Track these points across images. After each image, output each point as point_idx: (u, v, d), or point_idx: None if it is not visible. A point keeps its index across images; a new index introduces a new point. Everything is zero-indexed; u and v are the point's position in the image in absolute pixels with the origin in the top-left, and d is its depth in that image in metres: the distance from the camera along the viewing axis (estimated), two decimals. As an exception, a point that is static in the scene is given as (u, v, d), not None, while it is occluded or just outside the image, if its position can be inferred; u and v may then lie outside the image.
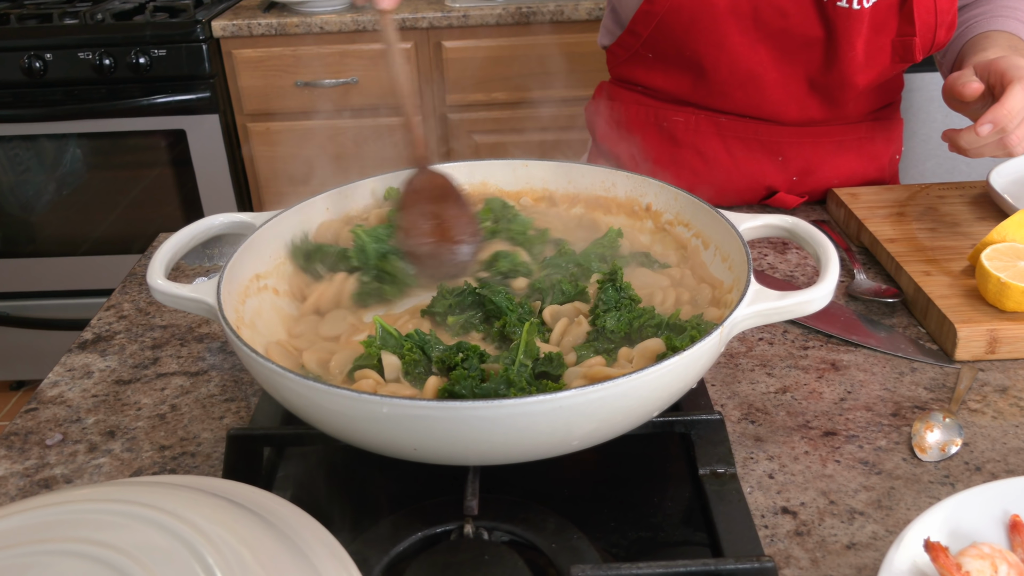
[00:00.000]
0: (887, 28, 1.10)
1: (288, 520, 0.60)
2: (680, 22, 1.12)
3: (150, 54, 2.37)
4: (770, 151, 1.22)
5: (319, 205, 0.90)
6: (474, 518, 0.64)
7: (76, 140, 2.49)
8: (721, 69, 1.15)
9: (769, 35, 1.12)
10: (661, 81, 1.22)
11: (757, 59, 1.14)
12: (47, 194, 2.59)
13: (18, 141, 2.49)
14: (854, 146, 1.24)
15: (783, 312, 0.69)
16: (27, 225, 2.64)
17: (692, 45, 1.14)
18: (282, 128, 2.52)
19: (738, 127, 1.21)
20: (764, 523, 0.71)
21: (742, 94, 1.17)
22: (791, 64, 1.14)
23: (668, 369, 0.62)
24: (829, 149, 1.23)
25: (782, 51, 1.13)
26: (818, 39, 1.11)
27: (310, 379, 0.60)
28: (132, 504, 0.58)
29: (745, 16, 1.10)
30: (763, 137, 1.21)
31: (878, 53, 1.12)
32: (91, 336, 0.99)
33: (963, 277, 0.96)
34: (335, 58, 2.43)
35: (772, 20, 1.10)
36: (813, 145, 1.22)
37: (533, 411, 0.58)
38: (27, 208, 2.61)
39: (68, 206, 2.62)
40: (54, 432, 0.83)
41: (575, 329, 0.76)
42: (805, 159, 1.22)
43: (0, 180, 2.56)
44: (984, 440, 0.80)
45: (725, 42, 1.12)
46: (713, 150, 1.23)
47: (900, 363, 0.90)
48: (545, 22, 2.38)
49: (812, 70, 1.14)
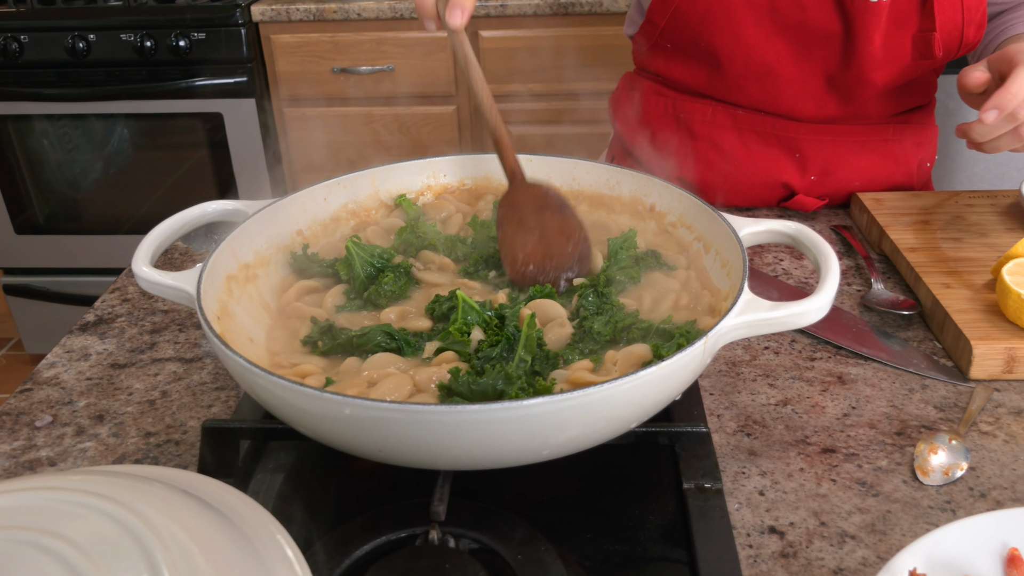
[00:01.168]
0: (908, 23, 1.06)
1: (248, 519, 0.59)
2: (695, 11, 1.09)
3: (190, 37, 2.39)
4: (787, 147, 1.18)
5: (317, 195, 0.89)
6: (441, 524, 0.62)
7: (124, 120, 2.53)
8: (736, 62, 1.12)
9: (786, 28, 1.08)
10: (679, 72, 1.19)
11: (773, 52, 1.10)
12: (94, 173, 2.64)
13: (67, 120, 2.54)
14: (878, 148, 1.19)
15: (774, 324, 0.66)
16: (72, 203, 2.69)
17: (707, 36, 1.11)
18: (317, 114, 2.53)
19: (755, 121, 1.18)
20: (749, 542, 0.69)
21: (758, 88, 1.14)
22: (808, 59, 1.10)
23: (645, 380, 0.59)
24: (851, 149, 1.18)
25: (799, 45, 1.09)
26: (836, 33, 1.07)
27: (276, 376, 0.59)
28: (94, 496, 0.58)
29: (761, 8, 1.07)
30: (780, 133, 1.17)
31: (898, 49, 1.07)
32: (93, 318, 0.99)
33: (985, 291, 0.92)
34: (372, 45, 2.43)
35: (789, 13, 1.07)
36: (833, 144, 1.18)
37: (498, 418, 0.57)
38: (73, 186, 2.67)
39: (113, 185, 2.66)
40: (45, 414, 0.84)
41: (558, 330, 0.74)
42: (824, 158, 1.18)
43: (48, 157, 2.61)
44: (992, 465, 0.76)
45: (740, 34, 1.09)
46: (729, 144, 1.19)
47: (911, 379, 0.86)
48: (583, 13, 2.35)
49: (829, 66, 1.10)
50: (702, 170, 1.20)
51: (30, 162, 2.62)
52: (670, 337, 0.72)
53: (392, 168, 0.93)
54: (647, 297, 0.80)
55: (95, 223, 2.71)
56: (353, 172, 0.91)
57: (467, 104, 2.50)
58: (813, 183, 1.19)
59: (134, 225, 2.70)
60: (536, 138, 2.48)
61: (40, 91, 2.48)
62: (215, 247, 0.76)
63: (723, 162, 1.20)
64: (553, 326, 0.74)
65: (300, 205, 0.87)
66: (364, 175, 0.91)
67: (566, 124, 2.45)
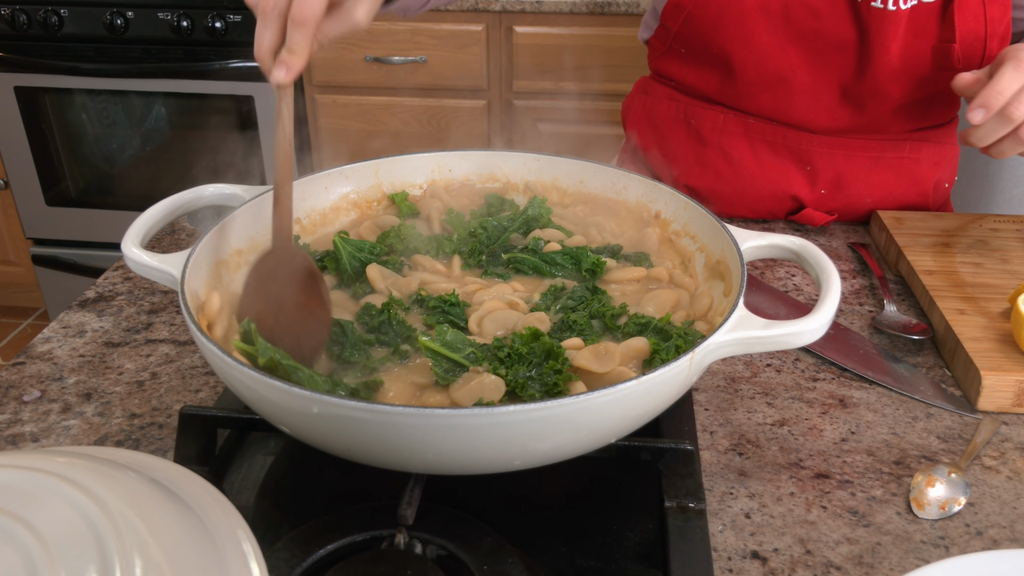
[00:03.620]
0: (927, 33, 1.02)
1: (213, 513, 0.58)
2: (708, 17, 1.07)
3: (226, 19, 2.40)
4: (798, 159, 1.15)
5: (318, 183, 0.88)
6: (409, 528, 0.61)
7: (159, 98, 2.55)
8: (748, 69, 1.09)
9: (800, 36, 1.05)
10: (692, 78, 1.17)
11: (787, 61, 1.07)
12: (130, 149, 2.67)
13: (103, 95, 2.57)
14: (892, 164, 1.15)
15: (766, 343, 0.64)
16: (106, 177, 2.72)
17: (719, 42, 1.08)
18: (349, 101, 2.53)
19: (767, 130, 1.15)
20: (729, 566, 0.66)
21: (769, 96, 1.11)
22: (822, 68, 1.07)
23: (625, 393, 0.57)
24: (864, 164, 1.14)
25: (813, 54, 1.06)
26: (851, 42, 1.04)
27: (246, 367, 0.58)
28: (59, 479, 0.57)
29: (775, 14, 1.04)
30: (792, 143, 1.14)
31: (916, 60, 1.03)
32: (93, 295, 0.99)
33: (1000, 320, 0.88)
34: (406, 36, 2.42)
35: (803, 20, 1.04)
36: (846, 158, 1.14)
37: (468, 424, 0.55)
38: (108, 161, 2.69)
39: (146, 162, 2.69)
40: (34, 388, 0.84)
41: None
42: (836, 172, 1.15)
43: (84, 131, 2.64)
44: (992, 502, 0.72)
45: (753, 40, 1.06)
46: (739, 152, 1.17)
47: (916, 406, 0.83)
48: (619, 13, 2.32)
49: (844, 76, 1.07)
50: (710, 178, 1.18)
51: (66, 135, 2.65)
52: (668, 336, 0.70)
53: (397, 160, 0.91)
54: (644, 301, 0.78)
55: (127, 199, 2.74)
56: (357, 162, 0.89)
57: (498, 99, 2.49)
58: (823, 197, 1.16)
59: (164, 203, 2.72)
60: (568, 138, 2.45)
61: (78, 65, 2.50)
62: (205, 232, 0.75)
63: (732, 171, 1.17)
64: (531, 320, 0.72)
65: (300, 193, 0.86)
66: (367, 166, 0.90)
67: (598, 124, 2.43)
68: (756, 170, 1.16)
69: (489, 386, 0.64)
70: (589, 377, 0.67)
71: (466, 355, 0.68)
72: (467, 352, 0.68)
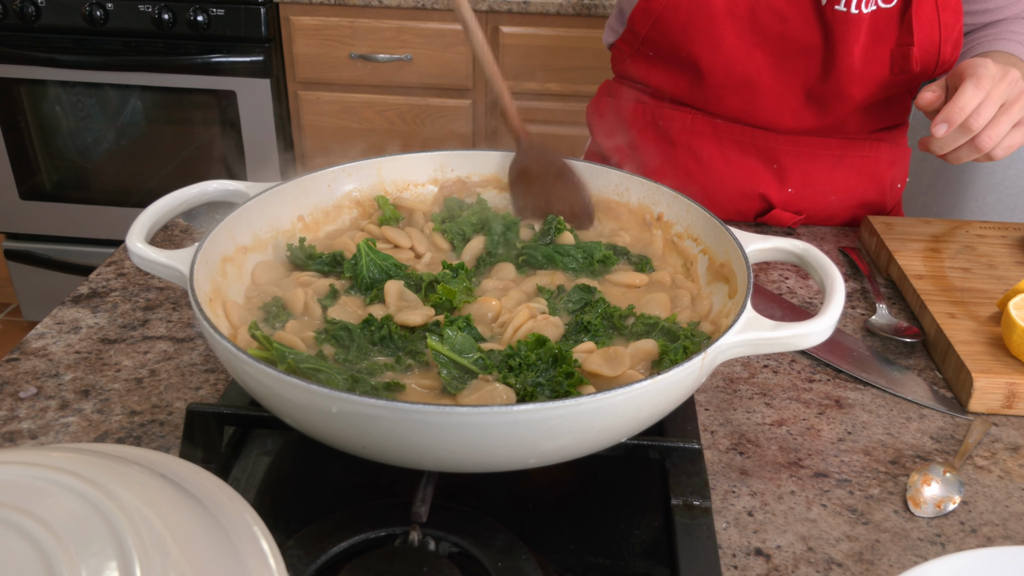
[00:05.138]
0: (887, 37, 1.06)
1: (226, 509, 0.58)
2: (677, 21, 1.09)
3: (208, 12, 2.38)
4: (766, 158, 1.18)
5: (321, 181, 0.88)
6: (422, 525, 0.61)
7: (138, 92, 2.52)
8: (717, 72, 1.11)
9: (766, 39, 1.08)
10: (660, 80, 1.19)
11: (753, 64, 1.10)
12: (105, 143, 2.63)
13: (81, 88, 2.53)
14: (854, 163, 1.20)
15: (775, 344, 0.65)
16: (81, 171, 2.68)
17: (688, 46, 1.10)
18: (332, 99, 2.52)
19: (735, 131, 1.18)
20: (734, 563, 0.67)
21: (737, 99, 1.14)
22: (787, 71, 1.10)
23: (639, 392, 0.58)
24: (828, 163, 1.19)
25: (779, 56, 1.09)
26: (815, 45, 1.07)
27: (263, 363, 0.58)
28: (69, 475, 0.57)
29: (742, 18, 1.07)
30: (759, 143, 1.18)
31: (876, 63, 1.07)
32: (87, 291, 0.98)
33: (990, 323, 0.90)
34: (391, 33, 2.41)
35: (770, 24, 1.07)
36: (811, 157, 1.18)
37: (486, 422, 0.55)
38: (83, 155, 2.65)
39: (123, 157, 2.65)
40: (30, 385, 0.83)
41: (552, 330, 0.72)
42: (802, 170, 1.18)
43: (60, 124, 2.60)
44: (985, 501, 0.74)
45: (721, 44, 1.09)
46: (708, 152, 1.19)
47: (909, 408, 0.85)
48: (606, 15, 2.33)
49: (809, 78, 1.10)
50: (680, 179, 1.20)
51: (41, 128, 2.61)
52: (675, 337, 0.71)
53: (399, 159, 0.91)
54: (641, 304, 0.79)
55: (102, 194, 2.70)
56: (360, 160, 0.89)
57: (483, 99, 2.49)
58: (790, 196, 1.19)
59: (142, 198, 2.69)
60: (553, 139, 2.46)
61: (55, 57, 2.46)
62: (212, 227, 0.75)
63: (701, 171, 1.19)
64: (547, 326, 0.73)
65: (303, 190, 0.86)
66: (370, 164, 0.90)
67: (584, 126, 2.43)
68: (725, 170, 1.18)
69: (499, 395, 0.64)
70: (599, 381, 0.67)
71: (474, 360, 0.67)
72: (475, 357, 0.68)
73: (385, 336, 0.70)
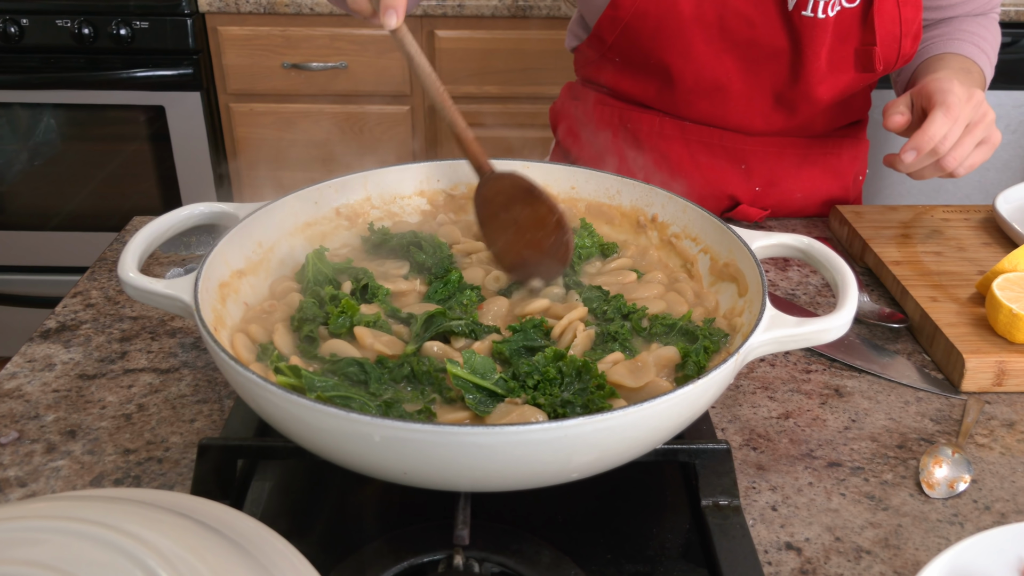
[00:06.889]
0: (850, 37, 1.08)
1: (261, 545, 0.55)
2: (646, 29, 1.09)
3: (132, 25, 2.29)
4: (734, 159, 1.20)
5: (308, 198, 0.85)
6: (464, 548, 0.59)
7: (51, 110, 2.41)
8: (687, 78, 1.12)
9: (735, 45, 1.09)
10: (628, 85, 1.19)
11: (723, 69, 1.11)
12: (18, 164, 2.50)
13: (-1, 108, 2.40)
14: (819, 161, 1.23)
15: (799, 340, 0.65)
16: (-6, 196, 2.55)
17: (658, 53, 1.11)
18: (266, 110, 2.45)
19: (703, 133, 1.19)
20: (768, 559, 0.68)
21: (707, 104, 1.15)
22: (756, 75, 1.12)
23: (680, 399, 0.58)
24: (793, 161, 1.21)
25: (748, 61, 1.11)
26: (783, 49, 1.09)
27: (295, 394, 0.55)
28: (83, 523, 0.53)
29: (711, 25, 1.07)
30: (727, 144, 1.19)
31: (841, 63, 1.10)
32: (55, 325, 0.93)
33: (970, 305, 0.93)
34: (325, 41, 2.36)
35: (738, 30, 1.08)
36: (778, 156, 1.20)
37: (533, 439, 0.54)
38: (-3, 178, 2.52)
39: (40, 178, 2.53)
40: (9, 429, 0.78)
41: (582, 338, 0.72)
42: (769, 169, 1.21)
43: (-31, 148, 2.47)
44: (992, 477, 0.77)
45: (691, 51, 1.09)
46: (676, 154, 1.20)
47: (905, 391, 0.87)
48: (541, 16, 2.33)
49: (777, 82, 1.12)
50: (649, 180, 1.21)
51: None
52: (694, 338, 0.71)
53: (385, 172, 0.89)
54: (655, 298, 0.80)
55: (20, 218, 2.57)
56: (345, 175, 0.87)
57: (421, 104, 2.46)
58: (757, 194, 1.22)
59: (62, 221, 2.57)
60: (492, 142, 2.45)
61: (-33, 77, 2.34)
62: (208, 253, 0.71)
63: (670, 172, 1.20)
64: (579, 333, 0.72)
65: (290, 208, 0.83)
66: (356, 178, 0.88)
67: (524, 128, 2.43)
68: (694, 171, 1.20)
69: (530, 416, 0.62)
70: (623, 391, 0.67)
71: (495, 382, 0.66)
72: (496, 379, 0.66)
73: (408, 375, 0.68)
